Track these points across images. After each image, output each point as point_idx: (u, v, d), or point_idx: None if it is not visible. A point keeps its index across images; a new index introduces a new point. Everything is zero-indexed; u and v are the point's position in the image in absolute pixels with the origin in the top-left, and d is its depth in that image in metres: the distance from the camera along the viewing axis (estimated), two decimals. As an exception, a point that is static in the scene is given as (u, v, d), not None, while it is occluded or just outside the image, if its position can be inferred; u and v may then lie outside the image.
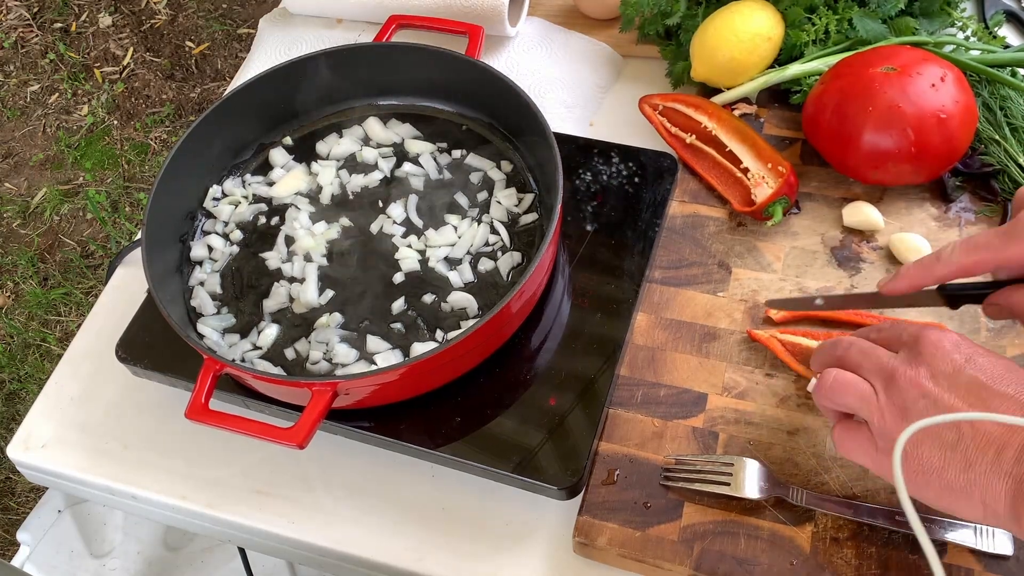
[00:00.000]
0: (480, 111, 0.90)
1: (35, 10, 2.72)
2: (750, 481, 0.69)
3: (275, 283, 0.83)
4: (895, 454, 0.55)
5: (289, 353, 0.79)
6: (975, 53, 0.89)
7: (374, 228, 0.85)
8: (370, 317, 0.80)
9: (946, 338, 0.60)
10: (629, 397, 0.75)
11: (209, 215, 0.88)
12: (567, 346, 0.77)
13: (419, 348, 0.77)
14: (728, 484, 0.69)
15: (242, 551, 1.03)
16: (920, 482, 0.58)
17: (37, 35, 2.67)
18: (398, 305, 0.80)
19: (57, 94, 2.54)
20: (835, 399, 0.62)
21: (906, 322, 0.65)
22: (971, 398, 0.57)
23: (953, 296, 0.67)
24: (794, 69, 0.89)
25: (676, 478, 0.70)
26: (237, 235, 0.87)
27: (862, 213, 0.82)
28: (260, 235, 0.87)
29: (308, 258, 0.84)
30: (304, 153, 0.92)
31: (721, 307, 0.80)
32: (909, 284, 0.66)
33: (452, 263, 0.82)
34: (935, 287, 0.68)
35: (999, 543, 0.65)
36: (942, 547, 0.66)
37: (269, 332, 0.79)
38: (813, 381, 0.67)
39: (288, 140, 0.92)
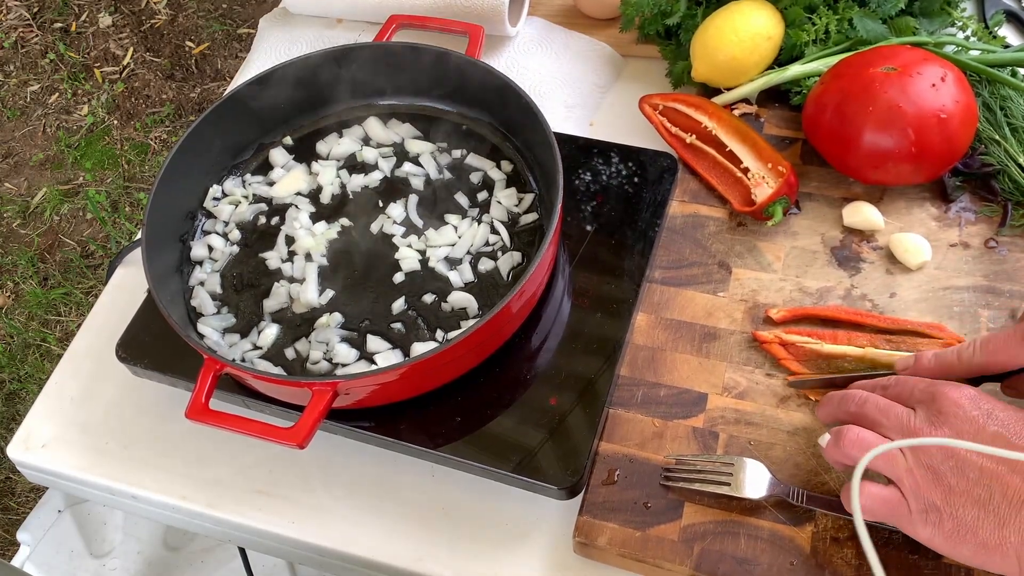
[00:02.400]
0: (480, 111, 0.90)
1: (35, 10, 2.72)
2: (750, 481, 0.69)
3: (275, 283, 0.83)
4: (854, 480, 0.56)
5: (289, 353, 0.79)
6: (975, 53, 0.89)
7: (374, 228, 0.85)
8: (370, 317, 0.80)
9: (964, 395, 0.61)
10: (629, 397, 0.75)
11: (209, 215, 0.88)
12: (567, 346, 0.77)
13: (419, 348, 0.77)
14: (728, 484, 0.69)
15: (242, 551, 1.03)
16: (957, 540, 0.58)
17: (37, 35, 2.67)
18: (398, 305, 0.80)
19: (57, 94, 2.54)
20: (857, 457, 0.62)
21: (914, 379, 0.65)
22: (996, 455, 0.57)
23: (975, 379, 0.67)
24: (794, 70, 0.89)
25: (676, 478, 0.70)
26: (237, 235, 0.87)
27: (862, 213, 0.82)
28: (260, 235, 0.87)
29: (308, 258, 0.84)
30: (304, 153, 0.92)
31: (721, 307, 0.80)
32: (928, 375, 0.67)
33: (452, 263, 0.82)
34: None
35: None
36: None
37: (269, 332, 0.79)
38: (826, 436, 0.66)
39: (288, 140, 0.92)
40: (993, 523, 0.57)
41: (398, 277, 0.82)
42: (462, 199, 0.86)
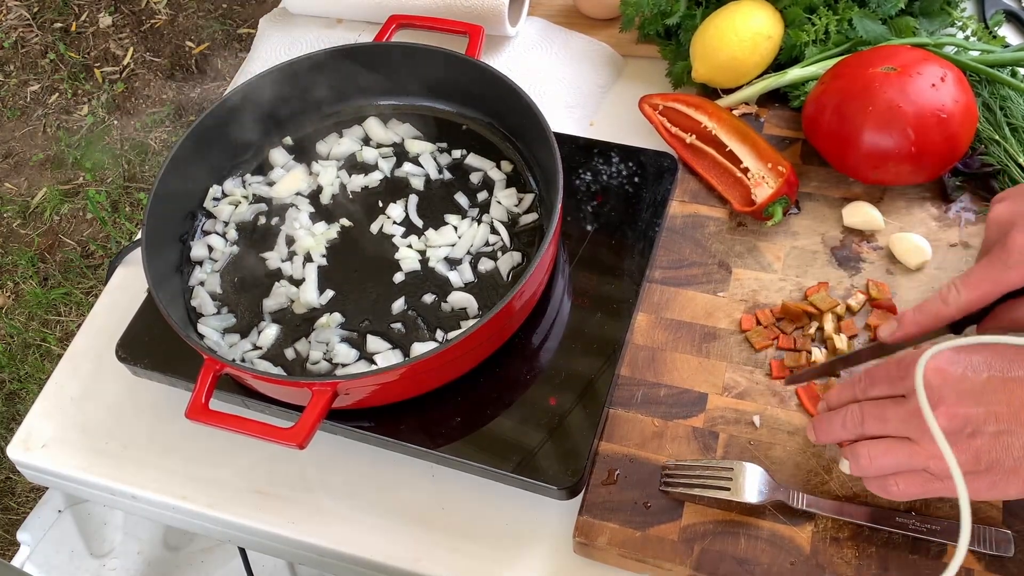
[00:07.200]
0: (480, 111, 0.90)
1: (35, 10, 2.72)
2: (750, 486, 0.69)
3: (275, 283, 0.83)
4: (917, 378, 0.56)
5: (289, 353, 0.79)
6: (975, 53, 0.89)
7: (374, 228, 0.85)
8: (370, 317, 0.80)
9: (939, 361, 0.60)
10: (629, 397, 0.75)
11: (209, 215, 0.88)
12: (567, 346, 0.77)
13: (419, 348, 0.77)
14: (728, 489, 0.69)
15: (242, 551, 1.03)
16: (991, 487, 0.58)
17: (37, 35, 2.67)
18: (398, 305, 0.80)
19: (57, 94, 2.54)
20: (883, 471, 0.62)
21: (885, 367, 0.64)
22: (999, 395, 0.58)
23: (956, 323, 0.66)
24: (793, 74, 0.89)
25: (675, 483, 0.70)
26: (237, 235, 0.87)
27: (862, 213, 0.82)
28: (260, 235, 0.87)
29: (308, 258, 0.84)
30: (304, 153, 0.92)
31: (721, 307, 0.79)
32: (918, 331, 0.66)
33: (452, 263, 0.82)
34: None
35: (999, 543, 0.65)
36: (941, 547, 0.66)
37: (269, 332, 0.79)
38: (845, 463, 0.64)
39: (288, 140, 0.92)
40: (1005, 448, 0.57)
41: (398, 277, 0.82)
42: (462, 199, 0.86)
